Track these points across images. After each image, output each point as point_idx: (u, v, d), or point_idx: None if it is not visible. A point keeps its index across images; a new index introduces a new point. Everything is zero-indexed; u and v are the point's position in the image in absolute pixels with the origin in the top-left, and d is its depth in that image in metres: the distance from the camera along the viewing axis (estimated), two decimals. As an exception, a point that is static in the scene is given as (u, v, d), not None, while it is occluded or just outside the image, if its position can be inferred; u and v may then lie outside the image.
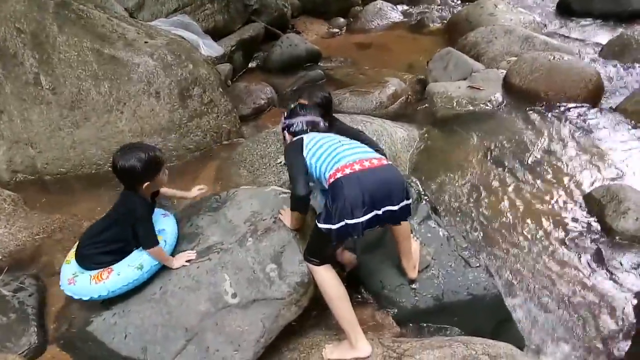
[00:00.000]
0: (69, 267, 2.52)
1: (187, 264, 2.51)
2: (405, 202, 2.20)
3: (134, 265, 2.42)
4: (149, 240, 2.42)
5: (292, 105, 2.83)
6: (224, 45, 6.47)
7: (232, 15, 7.02)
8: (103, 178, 4.03)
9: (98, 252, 2.48)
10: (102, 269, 2.44)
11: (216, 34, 6.64)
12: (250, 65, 7.27)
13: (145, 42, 4.45)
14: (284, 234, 2.53)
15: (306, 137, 2.47)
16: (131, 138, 4.16)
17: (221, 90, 4.74)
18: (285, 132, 2.66)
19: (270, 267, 2.44)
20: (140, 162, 2.34)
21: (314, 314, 2.63)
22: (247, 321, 2.33)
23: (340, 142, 2.37)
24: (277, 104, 5.99)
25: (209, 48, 5.97)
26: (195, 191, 2.94)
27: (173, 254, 2.57)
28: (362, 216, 2.09)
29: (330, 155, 2.27)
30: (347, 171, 2.14)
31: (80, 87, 4.18)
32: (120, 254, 2.48)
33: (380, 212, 2.13)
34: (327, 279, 2.29)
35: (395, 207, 2.16)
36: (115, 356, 2.37)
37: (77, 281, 2.44)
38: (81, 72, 4.20)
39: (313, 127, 2.58)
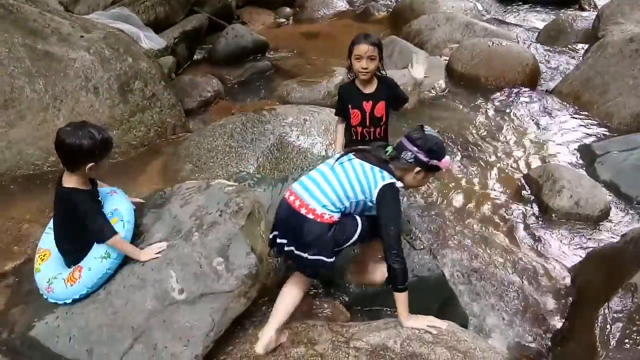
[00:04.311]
0: (41, 275, 2.48)
1: (158, 256, 2.43)
2: (308, 256, 2.25)
3: (100, 255, 2.38)
4: (102, 232, 2.33)
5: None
6: (166, 38, 6.30)
7: (174, 6, 6.85)
8: (42, 178, 3.89)
9: (76, 247, 2.44)
10: (72, 269, 2.40)
11: (158, 26, 6.45)
12: (195, 57, 7.13)
13: (81, 37, 4.30)
14: (230, 227, 2.52)
15: None
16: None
17: (164, 83, 4.65)
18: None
19: (217, 260, 2.43)
20: (92, 139, 2.23)
21: (263, 305, 2.65)
22: (196, 316, 2.32)
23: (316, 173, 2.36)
24: (224, 96, 5.92)
25: (151, 41, 5.80)
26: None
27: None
28: (273, 231, 2.36)
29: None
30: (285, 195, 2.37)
31: (13, 85, 4.00)
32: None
33: (279, 240, 2.32)
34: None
35: (297, 252, 2.27)
36: (60, 360, 2.32)
37: (53, 288, 2.41)
38: (13, 69, 4.02)
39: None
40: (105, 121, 4.18)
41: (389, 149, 2.33)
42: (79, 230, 2.38)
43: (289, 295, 2.38)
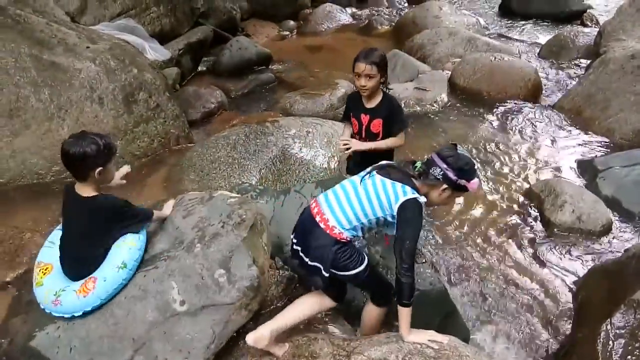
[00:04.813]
0: (45, 288, 2.40)
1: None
2: (308, 261, 2.33)
3: (117, 266, 2.36)
4: (145, 216, 2.51)
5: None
6: (171, 49, 6.38)
7: (179, 18, 6.94)
8: (45, 188, 3.90)
9: (96, 259, 2.41)
10: (84, 280, 2.36)
11: (163, 38, 6.54)
12: (199, 68, 7.20)
13: (87, 47, 4.35)
14: (232, 239, 2.52)
15: None
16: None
17: (168, 94, 4.69)
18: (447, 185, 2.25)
19: (219, 272, 2.42)
20: (95, 144, 2.28)
21: (264, 317, 2.64)
22: (197, 328, 2.31)
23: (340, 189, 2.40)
24: (227, 108, 5.96)
25: (156, 52, 5.87)
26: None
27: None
28: (293, 233, 2.44)
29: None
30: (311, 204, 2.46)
31: (18, 95, 4.03)
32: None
33: (294, 241, 2.42)
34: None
35: (301, 254, 2.36)
36: (60, 371, 2.31)
37: (62, 300, 2.33)
38: (19, 78, 4.06)
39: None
40: (110, 131, 4.20)
41: (418, 164, 2.32)
42: (105, 237, 2.41)
43: (302, 305, 2.41)
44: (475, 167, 2.31)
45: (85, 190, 2.36)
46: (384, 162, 2.46)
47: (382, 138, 3.02)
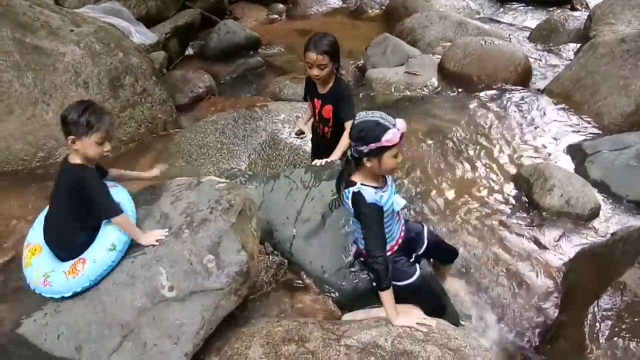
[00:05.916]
0: (34, 269, 2.39)
1: (157, 243, 2.41)
2: None
3: (106, 247, 2.34)
4: (109, 207, 2.31)
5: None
6: (157, 33, 6.28)
7: (165, 1, 6.82)
8: (31, 174, 3.84)
9: (77, 235, 2.37)
10: (73, 261, 2.33)
11: (149, 21, 6.43)
12: (187, 52, 7.11)
13: (71, 31, 4.26)
14: (221, 224, 2.50)
15: None
16: (59, 131, 3.98)
17: (155, 79, 4.62)
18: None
19: (208, 258, 2.41)
20: (77, 114, 2.21)
21: (253, 302, 2.64)
22: (186, 314, 2.30)
23: None
24: (215, 92, 5.89)
25: (142, 35, 5.77)
26: (156, 171, 2.76)
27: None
28: None
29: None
30: None
31: (1, 79, 3.95)
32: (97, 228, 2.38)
33: None
34: None
35: None
36: (48, 358, 2.29)
37: (51, 281, 2.32)
38: (1, 63, 3.98)
39: None
40: (96, 116, 4.14)
41: (348, 153, 2.32)
42: (85, 213, 2.35)
43: None
44: (378, 120, 2.14)
45: (74, 157, 2.34)
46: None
47: (333, 124, 3.09)
